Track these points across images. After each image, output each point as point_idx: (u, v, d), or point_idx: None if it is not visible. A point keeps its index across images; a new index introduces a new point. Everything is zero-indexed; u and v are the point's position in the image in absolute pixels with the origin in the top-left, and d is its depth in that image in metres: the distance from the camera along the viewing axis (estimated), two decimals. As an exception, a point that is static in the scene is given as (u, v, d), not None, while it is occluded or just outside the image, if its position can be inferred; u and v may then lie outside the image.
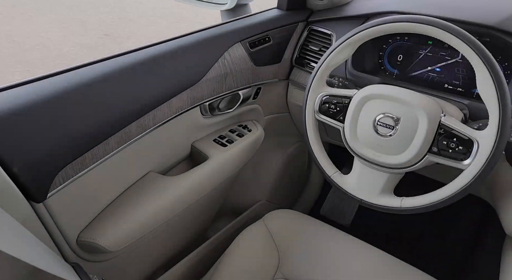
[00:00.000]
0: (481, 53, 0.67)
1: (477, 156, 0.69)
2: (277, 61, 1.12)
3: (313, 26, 1.14)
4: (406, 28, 0.74)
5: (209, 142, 1.02)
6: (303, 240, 0.98)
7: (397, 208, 0.79)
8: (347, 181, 0.86)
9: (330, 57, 0.85)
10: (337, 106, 0.85)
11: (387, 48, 1.07)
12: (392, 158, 0.78)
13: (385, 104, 0.78)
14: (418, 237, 1.50)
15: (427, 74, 1.01)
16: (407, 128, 0.75)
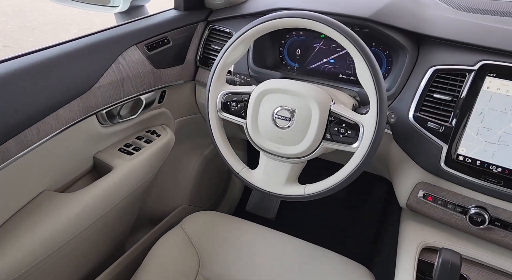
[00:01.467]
0: (356, 43, 0.73)
1: (363, 139, 0.74)
2: (180, 62, 1.10)
3: (213, 25, 1.14)
4: (289, 23, 0.77)
5: (114, 152, 0.97)
6: (224, 239, 0.98)
7: (302, 195, 0.82)
8: (255, 175, 0.88)
9: (226, 56, 0.85)
10: (238, 103, 0.86)
11: (285, 43, 1.11)
12: (292, 148, 0.81)
13: (281, 97, 0.81)
14: (336, 223, 1.59)
15: (323, 66, 1.07)
16: (302, 118, 0.79)
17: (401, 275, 0.77)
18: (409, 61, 0.89)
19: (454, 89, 0.82)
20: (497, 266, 0.80)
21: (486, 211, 0.79)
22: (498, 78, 0.79)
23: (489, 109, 0.79)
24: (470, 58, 0.82)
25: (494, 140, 0.78)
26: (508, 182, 0.76)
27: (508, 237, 0.78)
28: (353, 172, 0.76)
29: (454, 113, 0.81)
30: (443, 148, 0.81)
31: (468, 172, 0.79)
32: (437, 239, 0.84)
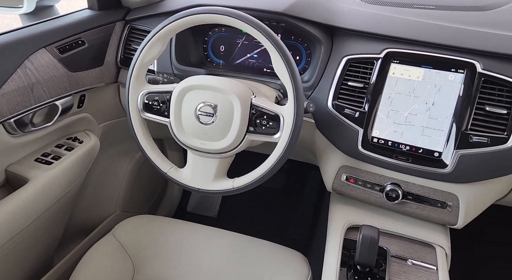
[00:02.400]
0: (270, 37, 0.75)
1: (284, 129, 0.77)
2: (98, 64, 1.05)
3: (133, 25, 1.11)
4: (204, 19, 0.77)
5: (29, 163, 0.90)
6: (160, 242, 0.96)
7: (231, 189, 0.83)
8: (183, 174, 0.87)
9: (142, 54, 0.83)
10: (160, 102, 0.85)
11: (209, 40, 1.11)
12: (217, 143, 0.81)
13: (203, 93, 0.81)
14: (276, 214, 1.63)
15: (247, 61, 1.09)
16: (225, 113, 0.79)
17: (329, 255, 0.81)
18: (325, 53, 0.94)
19: (365, 76, 0.88)
20: (411, 236, 0.87)
21: (400, 187, 0.86)
22: (401, 64, 0.86)
23: (396, 93, 0.86)
24: (376, 47, 0.88)
25: (402, 121, 0.85)
26: (415, 158, 0.83)
27: (419, 209, 0.86)
28: (278, 161, 0.78)
29: (366, 99, 0.87)
30: (359, 132, 0.87)
31: (382, 152, 0.86)
32: (361, 218, 0.90)
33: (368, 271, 0.77)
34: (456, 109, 0.80)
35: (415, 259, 0.81)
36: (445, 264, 0.80)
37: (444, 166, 0.80)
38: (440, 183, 0.83)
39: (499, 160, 0.77)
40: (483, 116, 0.79)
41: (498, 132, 0.78)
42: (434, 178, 0.82)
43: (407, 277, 0.77)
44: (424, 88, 0.84)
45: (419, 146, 0.83)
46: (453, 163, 0.79)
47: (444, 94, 0.82)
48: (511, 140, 0.76)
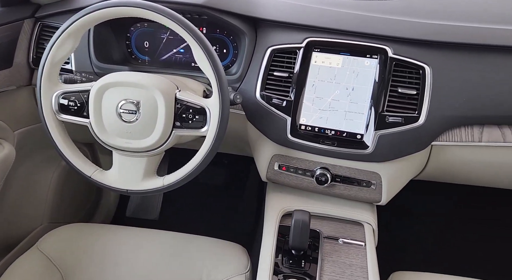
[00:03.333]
0: (189, 29, 0.73)
1: (211, 122, 0.76)
2: (6, 66, 0.96)
3: (44, 22, 1.02)
4: (117, 13, 0.74)
5: None
6: (92, 250, 0.91)
7: (162, 187, 0.81)
8: (109, 176, 0.83)
9: (52, 53, 0.77)
10: (77, 102, 0.80)
11: (131, 36, 1.06)
12: (143, 141, 0.78)
13: (123, 90, 0.77)
14: (219, 209, 1.62)
15: (174, 56, 1.06)
16: (149, 109, 0.77)
17: (264, 242, 0.83)
18: (249, 44, 0.95)
19: (290, 66, 0.90)
20: (342, 217, 0.92)
21: (328, 171, 0.90)
22: (322, 52, 0.89)
23: (319, 81, 0.89)
24: (298, 36, 0.90)
25: (326, 107, 0.89)
26: (340, 142, 0.87)
27: (347, 190, 0.90)
28: (207, 155, 0.77)
29: (292, 88, 0.89)
30: (288, 121, 0.89)
31: (309, 138, 0.88)
32: (295, 204, 0.92)
33: (303, 254, 0.79)
34: (373, 92, 0.85)
35: (346, 237, 0.85)
36: (372, 239, 0.85)
37: (366, 147, 0.85)
38: (364, 163, 0.88)
39: (413, 138, 0.84)
40: (397, 97, 0.84)
41: (410, 111, 0.84)
42: (358, 159, 0.87)
43: (339, 255, 0.81)
44: (344, 74, 0.88)
45: (343, 130, 0.87)
46: (374, 144, 0.84)
47: (362, 79, 0.87)
48: (421, 118, 0.83)
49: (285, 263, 0.78)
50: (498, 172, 0.92)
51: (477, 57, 0.85)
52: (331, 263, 0.78)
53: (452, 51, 0.85)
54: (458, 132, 0.86)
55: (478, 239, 1.44)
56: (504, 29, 0.85)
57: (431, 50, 0.85)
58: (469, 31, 0.85)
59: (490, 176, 0.95)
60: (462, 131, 0.86)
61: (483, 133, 0.85)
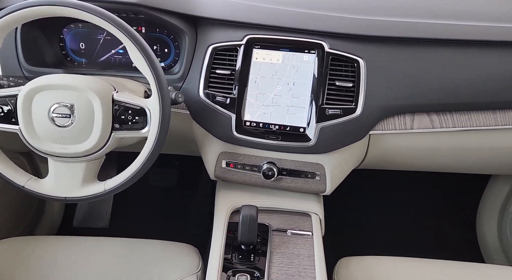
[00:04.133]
0: (122, 28, 0.71)
1: (152, 122, 0.75)
2: None
3: None
4: (47, 12, 0.70)
5: None
6: (31, 264, 0.85)
7: (103, 192, 0.78)
8: (45, 184, 0.79)
9: None
10: (3, 108, 0.75)
11: (65, 37, 1.01)
12: (80, 146, 0.75)
13: (55, 94, 0.74)
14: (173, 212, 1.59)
15: (113, 57, 1.03)
16: (84, 112, 0.74)
17: (214, 241, 0.83)
18: (190, 43, 0.94)
19: (232, 63, 0.91)
20: (290, 209, 0.94)
21: (275, 165, 0.92)
22: (262, 49, 0.90)
23: (261, 77, 0.90)
24: (238, 34, 0.91)
25: (269, 103, 0.90)
26: (284, 136, 0.89)
27: (294, 182, 0.93)
28: (150, 156, 0.76)
29: (235, 85, 0.90)
30: (232, 118, 0.89)
31: (255, 134, 0.90)
32: (244, 200, 0.93)
33: (252, 248, 0.80)
34: (313, 86, 0.88)
35: (294, 229, 0.88)
36: (319, 228, 0.88)
37: (308, 140, 0.88)
38: (308, 155, 0.90)
39: (352, 128, 0.88)
40: (335, 90, 0.88)
41: (348, 103, 0.88)
42: (302, 152, 0.89)
43: (287, 246, 0.83)
44: (284, 70, 0.90)
45: (286, 124, 0.89)
46: (316, 136, 0.87)
47: (302, 74, 0.89)
48: (358, 109, 0.87)
49: (235, 259, 0.79)
50: (429, 156, 0.99)
51: (406, 49, 0.90)
52: (279, 255, 0.80)
53: (383, 44, 0.90)
54: (392, 121, 0.91)
55: (416, 220, 1.55)
56: (429, 23, 0.91)
57: (364, 44, 0.89)
58: (398, 25, 0.91)
59: (422, 160, 1.02)
60: (396, 120, 0.91)
61: (414, 120, 0.91)
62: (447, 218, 1.54)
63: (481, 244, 1.42)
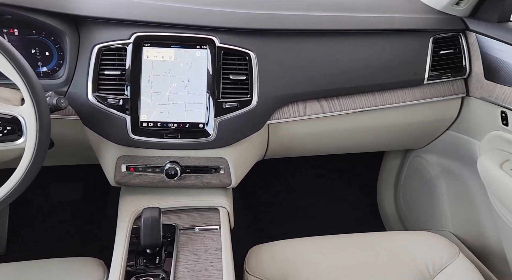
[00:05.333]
0: None
1: (28, 132, 0.68)
2: None
3: None
4: None
5: None
6: None
7: None
8: None
9: None
10: None
11: None
12: None
13: None
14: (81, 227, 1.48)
15: None
16: None
17: (116, 249, 0.79)
18: (72, 44, 0.87)
19: (121, 63, 0.87)
20: (198, 206, 0.94)
21: (177, 164, 0.90)
22: (152, 47, 0.88)
23: (154, 76, 0.88)
24: (125, 32, 0.87)
25: (165, 101, 0.88)
26: (184, 133, 0.88)
27: (199, 179, 0.92)
28: (30, 169, 0.69)
29: (127, 85, 0.86)
30: (127, 119, 0.86)
31: (153, 134, 0.87)
32: (149, 203, 0.90)
33: (158, 251, 0.78)
34: (208, 82, 0.88)
35: (202, 225, 0.87)
36: (226, 221, 0.89)
37: (208, 135, 0.88)
38: (210, 151, 0.91)
39: (249, 119, 0.90)
40: (230, 84, 0.89)
41: (244, 96, 0.90)
42: (204, 147, 0.89)
43: (194, 243, 0.82)
44: (178, 67, 0.89)
45: (185, 121, 0.89)
46: (215, 131, 0.88)
47: (196, 70, 0.89)
48: (254, 101, 0.90)
49: (140, 264, 0.76)
50: (325, 139, 1.07)
51: (293, 41, 0.95)
52: (186, 253, 0.79)
53: (272, 37, 0.94)
54: (287, 109, 0.96)
55: (324, 199, 1.66)
56: (315, 15, 0.98)
57: (253, 37, 0.92)
58: (284, 18, 0.96)
59: (320, 144, 1.09)
60: (290, 108, 0.96)
61: (306, 107, 0.97)
62: (352, 194, 1.68)
63: (382, 214, 1.58)
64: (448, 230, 1.19)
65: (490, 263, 1.06)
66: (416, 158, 1.36)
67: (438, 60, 1.02)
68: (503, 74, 0.92)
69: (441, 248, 0.88)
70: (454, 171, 1.20)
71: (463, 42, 1.02)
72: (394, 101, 1.02)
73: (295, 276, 0.85)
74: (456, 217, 1.19)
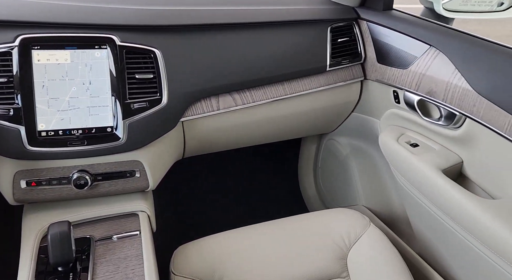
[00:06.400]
0: None
1: None
2: None
3: None
4: None
5: None
6: None
7: None
8: None
9: None
10: None
11: None
12: None
13: None
14: None
15: None
16: None
17: (20, 272, 0.71)
18: None
19: (7, 69, 0.78)
20: (116, 213, 0.89)
21: (87, 172, 0.84)
22: (43, 49, 0.80)
23: (49, 80, 0.81)
24: (8, 35, 0.78)
25: (66, 107, 0.82)
26: (90, 139, 0.82)
27: (113, 185, 0.88)
28: None
29: (16, 93, 0.78)
30: (21, 130, 0.78)
31: (55, 144, 0.80)
32: (57, 218, 0.82)
33: (72, 267, 0.72)
34: (112, 83, 0.84)
35: (120, 232, 0.83)
36: (147, 225, 0.86)
37: (118, 139, 0.84)
38: (122, 155, 0.86)
39: (161, 118, 0.88)
40: (136, 83, 0.86)
41: (153, 95, 0.87)
42: (115, 152, 0.85)
43: (113, 252, 0.78)
44: (76, 69, 0.82)
45: (90, 126, 0.83)
46: (125, 133, 0.84)
47: (97, 72, 0.84)
48: (164, 99, 0.87)
49: (50, 285, 0.70)
50: (242, 132, 1.09)
51: (199, 36, 0.95)
52: (104, 264, 0.75)
53: (179, 33, 0.92)
54: (199, 105, 0.96)
55: (250, 189, 1.70)
56: (221, 9, 0.98)
57: (157, 34, 0.89)
58: (189, 13, 0.94)
59: (238, 137, 1.11)
60: (203, 104, 0.96)
61: (219, 102, 0.98)
62: (275, 181, 1.74)
63: (304, 196, 1.66)
64: (361, 204, 1.30)
65: (398, 228, 1.19)
66: (329, 141, 1.45)
67: (337, 48, 1.09)
68: (391, 57, 1.02)
69: (354, 221, 0.96)
70: (362, 150, 1.30)
71: (357, 30, 1.11)
72: (302, 89, 1.07)
73: (222, 270, 0.86)
74: (367, 191, 1.30)
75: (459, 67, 0.83)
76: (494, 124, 0.75)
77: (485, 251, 0.75)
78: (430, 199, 0.87)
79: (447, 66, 0.85)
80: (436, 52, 0.89)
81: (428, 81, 0.90)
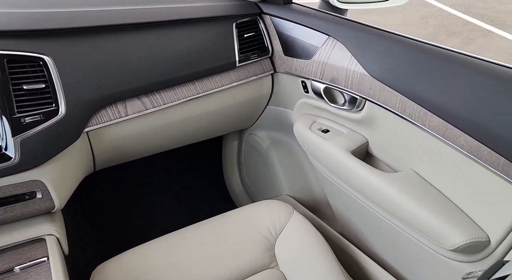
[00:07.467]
0: None
1: None
2: None
3: None
4: None
5: None
6: None
7: None
8: None
9: None
10: None
11: None
12: None
13: None
14: None
15: None
16: None
17: None
18: None
19: None
20: (16, 242, 0.79)
21: None
22: None
23: None
24: None
25: None
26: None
27: (9, 211, 0.77)
28: None
29: None
30: None
31: None
32: None
33: None
34: None
35: (24, 262, 0.74)
36: (56, 250, 0.78)
37: (9, 159, 0.74)
38: (16, 176, 0.77)
39: (61, 131, 0.80)
40: (26, 95, 0.77)
41: (47, 106, 0.79)
42: (7, 174, 0.75)
43: None
44: None
45: None
46: (17, 152, 0.74)
47: None
48: (61, 110, 0.80)
49: None
50: (157, 137, 1.04)
51: (98, 38, 0.88)
52: None
53: (72, 36, 0.84)
54: (105, 112, 0.89)
55: (173, 194, 1.65)
56: (119, 9, 0.92)
57: (48, 39, 0.81)
58: (82, 15, 0.87)
59: (154, 142, 1.06)
60: (109, 111, 0.89)
61: (127, 107, 0.92)
62: (201, 181, 1.71)
63: (231, 193, 1.66)
64: (285, 194, 1.33)
65: (320, 212, 1.24)
66: (250, 136, 1.47)
67: (245, 43, 1.10)
68: (296, 49, 1.06)
69: (278, 211, 0.98)
70: (281, 141, 1.34)
71: (262, 25, 1.13)
72: (214, 87, 1.06)
73: None
74: (289, 180, 1.34)
75: (354, 54, 0.88)
76: (388, 104, 0.81)
77: (394, 222, 0.82)
78: (344, 180, 0.92)
79: (344, 54, 0.91)
80: (334, 42, 0.94)
81: (330, 69, 0.95)
